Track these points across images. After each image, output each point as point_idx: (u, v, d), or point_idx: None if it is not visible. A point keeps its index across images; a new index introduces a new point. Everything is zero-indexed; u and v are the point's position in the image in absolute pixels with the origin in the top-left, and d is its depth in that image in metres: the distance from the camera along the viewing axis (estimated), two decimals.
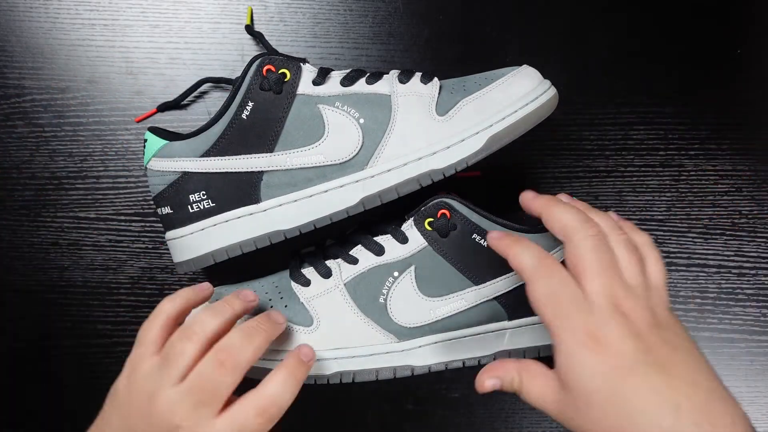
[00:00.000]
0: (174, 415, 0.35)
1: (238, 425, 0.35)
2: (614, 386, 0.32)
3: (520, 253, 0.36)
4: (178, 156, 0.42)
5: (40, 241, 0.51)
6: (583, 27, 0.52)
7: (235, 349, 0.36)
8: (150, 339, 0.38)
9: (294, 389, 0.37)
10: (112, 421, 0.37)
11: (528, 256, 0.36)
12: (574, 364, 0.33)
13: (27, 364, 0.52)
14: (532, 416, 0.53)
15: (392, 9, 0.51)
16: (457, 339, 0.43)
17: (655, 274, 0.37)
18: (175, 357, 0.36)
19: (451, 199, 0.42)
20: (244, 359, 0.36)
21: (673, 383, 0.32)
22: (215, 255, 0.43)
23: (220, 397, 0.35)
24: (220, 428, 0.35)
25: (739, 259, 0.53)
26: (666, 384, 0.32)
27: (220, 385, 0.35)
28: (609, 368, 0.32)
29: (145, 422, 0.35)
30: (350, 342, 0.42)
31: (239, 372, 0.36)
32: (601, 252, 0.35)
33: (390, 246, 0.42)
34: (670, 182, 0.53)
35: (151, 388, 0.36)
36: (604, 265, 0.35)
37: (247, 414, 0.35)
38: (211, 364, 0.36)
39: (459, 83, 0.43)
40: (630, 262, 0.36)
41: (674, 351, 0.34)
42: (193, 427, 0.35)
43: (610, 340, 0.33)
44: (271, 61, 0.41)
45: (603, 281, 0.34)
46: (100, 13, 0.50)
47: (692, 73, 0.53)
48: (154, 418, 0.35)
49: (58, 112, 0.50)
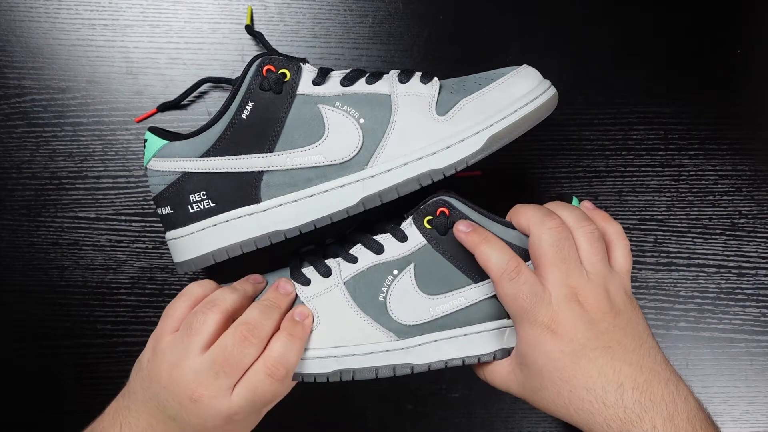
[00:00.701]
0: (198, 384, 0.37)
1: (252, 389, 0.37)
2: (564, 367, 0.36)
3: (488, 253, 0.39)
4: (178, 156, 0.42)
5: (40, 241, 0.51)
6: (583, 27, 0.52)
7: (256, 323, 0.39)
8: (176, 315, 0.40)
9: (296, 348, 0.39)
10: (137, 391, 0.39)
11: (495, 257, 0.38)
12: (533, 349, 0.37)
13: (27, 364, 0.52)
14: (531, 416, 0.53)
15: (392, 9, 0.51)
16: (456, 337, 0.43)
17: (620, 261, 0.40)
18: (198, 326, 0.38)
19: (450, 197, 0.42)
20: (265, 332, 0.39)
21: (617, 365, 0.36)
22: (215, 255, 0.43)
23: (241, 370, 0.38)
24: (237, 396, 0.37)
25: (739, 259, 0.53)
26: (611, 366, 0.36)
27: (243, 358, 0.38)
28: (561, 352, 0.36)
29: (168, 391, 0.37)
30: (350, 340, 0.42)
31: (261, 345, 0.38)
32: (559, 244, 0.38)
33: (389, 244, 0.43)
34: (670, 182, 0.53)
35: (174, 359, 0.38)
36: (561, 256, 0.38)
37: (258, 378, 0.38)
38: (235, 337, 0.38)
39: (459, 83, 0.43)
40: (591, 251, 0.38)
41: (625, 335, 0.37)
42: (213, 396, 0.37)
43: (563, 327, 0.37)
44: (271, 61, 0.41)
45: (560, 272, 0.37)
46: (100, 13, 0.50)
47: (692, 73, 0.53)
48: (177, 387, 0.37)
49: (58, 112, 0.50)
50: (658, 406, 0.35)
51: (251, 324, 0.39)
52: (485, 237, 0.39)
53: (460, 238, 0.40)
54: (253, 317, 0.39)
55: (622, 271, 0.40)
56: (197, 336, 0.38)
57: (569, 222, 0.39)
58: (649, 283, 0.53)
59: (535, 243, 0.38)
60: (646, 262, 0.53)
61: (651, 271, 0.53)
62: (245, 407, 0.38)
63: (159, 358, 0.39)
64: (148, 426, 0.38)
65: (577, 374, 0.36)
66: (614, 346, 0.37)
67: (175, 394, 0.37)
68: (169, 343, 0.39)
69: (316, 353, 0.41)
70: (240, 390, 0.37)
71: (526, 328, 0.38)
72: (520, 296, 0.37)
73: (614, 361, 0.36)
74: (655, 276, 0.53)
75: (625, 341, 0.37)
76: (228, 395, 0.37)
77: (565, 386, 0.37)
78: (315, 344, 0.41)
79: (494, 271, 0.38)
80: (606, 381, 0.36)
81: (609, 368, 0.36)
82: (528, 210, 0.40)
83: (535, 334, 0.37)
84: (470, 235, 0.40)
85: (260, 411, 0.41)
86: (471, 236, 0.40)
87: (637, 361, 0.37)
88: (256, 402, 0.38)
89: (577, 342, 0.36)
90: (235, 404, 0.37)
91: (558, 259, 0.38)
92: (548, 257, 0.38)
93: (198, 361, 0.37)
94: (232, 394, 0.37)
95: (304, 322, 0.41)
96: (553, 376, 0.37)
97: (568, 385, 0.36)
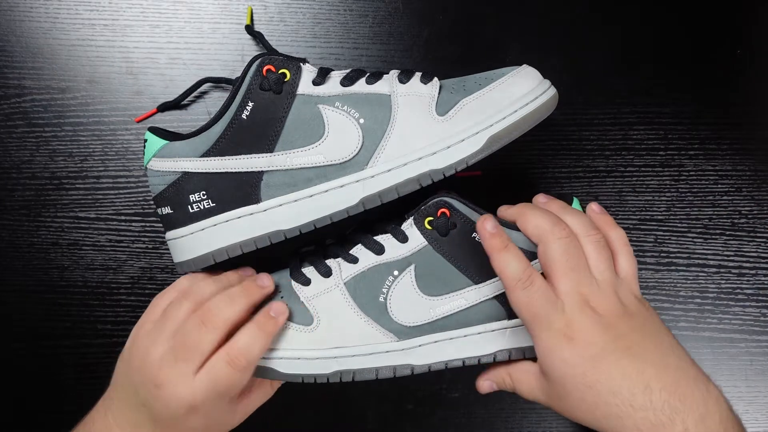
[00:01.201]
0: (160, 370, 0.37)
1: (213, 377, 0.37)
2: (586, 373, 0.36)
3: (507, 261, 0.39)
4: (178, 156, 0.42)
5: (40, 241, 0.51)
6: (583, 27, 0.52)
7: (216, 309, 0.39)
8: (160, 305, 0.41)
9: (261, 341, 0.39)
10: (119, 380, 0.41)
11: (513, 266, 0.38)
12: (551, 358, 0.37)
13: (27, 364, 0.52)
14: (531, 416, 0.53)
15: (392, 9, 0.51)
16: (457, 338, 0.43)
17: (625, 267, 0.40)
18: (170, 315, 0.39)
19: (451, 198, 0.42)
20: (223, 318, 0.39)
21: (641, 366, 0.36)
22: (215, 255, 0.43)
23: (199, 354, 0.38)
24: (198, 382, 0.37)
25: (739, 259, 0.53)
26: (634, 367, 0.36)
27: (199, 342, 0.38)
28: (580, 358, 0.36)
29: (139, 377, 0.38)
30: (350, 341, 0.42)
31: (220, 332, 0.38)
32: (569, 253, 0.38)
33: (390, 245, 0.43)
34: (670, 182, 0.53)
35: (147, 345, 0.39)
36: (571, 266, 0.38)
37: (219, 365, 0.38)
38: (193, 322, 0.38)
39: (459, 83, 0.43)
40: (598, 260, 0.39)
41: (644, 337, 0.37)
42: (174, 382, 0.37)
43: (580, 333, 0.36)
44: (271, 61, 0.41)
45: (571, 281, 0.38)
46: (100, 13, 0.50)
47: (692, 74, 0.53)
48: (145, 372, 0.38)
49: (58, 112, 0.50)
50: (689, 407, 0.35)
51: (209, 309, 0.39)
52: (506, 244, 0.39)
53: (483, 236, 0.40)
54: (214, 303, 0.39)
55: (628, 277, 0.40)
56: (167, 325, 0.39)
57: (576, 230, 0.40)
58: (649, 283, 0.53)
59: (546, 253, 0.38)
60: (646, 262, 0.53)
61: (651, 271, 0.53)
62: (205, 395, 0.37)
63: (135, 345, 0.40)
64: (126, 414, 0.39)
65: (600, 378, 0.36)
66: (634, 347, 0.36)
67: (144, 380, 0.38)
68: (146, 331, 0.40)
69: (316, 354, 0.41)
70: (200, 376, 0.37)
71: (542, 337, 0.37)
72: (533, 303, 0.37)
73: (636, 362, 0.36)
74: (655, 276, 0.53)
75: (644, 342, 0.37)
76: (189, 382, 0.37)
77: (589, 392, 0.36)
78: (315, 345, 0.41)
79: (509, 280, 0.38)
80: (631, 383, 0.35)
81: (632, 370, 0.36)
82: (536, 217, 0.39)
83: (551, 341, 0.37)
84: (494, 239, 0.39)
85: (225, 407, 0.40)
86: (495, 240, 0.39)
87: (660, 360, 0.36)
88: (216, 390, 0.38)
89: (596, 346, 0.36)
90: (196, 391, 0.37)
91: (568, 268, 0.38)
92: (559, 266, 0.38)
93: (164, 347, 0.38)
94: (194, 378, 0.37)
95: (278, 318, 0.40)
96: (576, 383, 0.36)
97: (592, 390, 0.36)
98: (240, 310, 0.40)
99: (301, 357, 0.41)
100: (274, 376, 0.41)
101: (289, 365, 0.41)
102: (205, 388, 0.37)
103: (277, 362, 0.41)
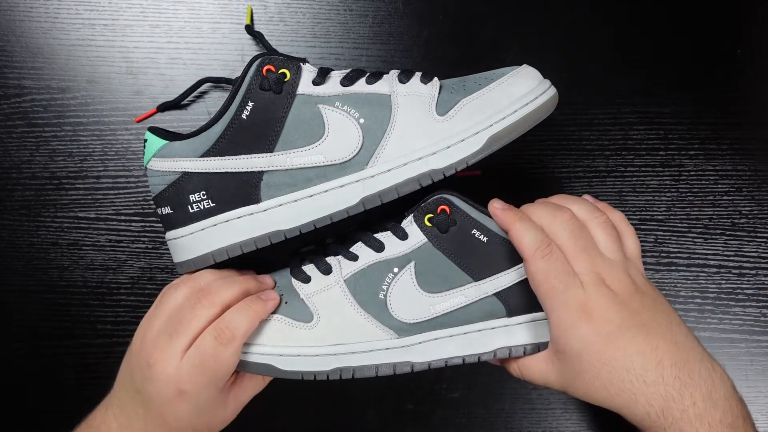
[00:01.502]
0: (154, 348, 0.38)
1: (200, 352, 0.38)
2: (602, 349, 0.37)
3: (523, 231, 0.39)
4: (178, 156, 0.42)
5: (40, 241, 0.51)
6: (583, 27, 0.52)
7: (212, 288, 0.40)
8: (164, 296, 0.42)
9: (248, 318, 0.39)
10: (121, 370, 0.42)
11: (530, 236, 0.39)
12: (568, 334, 0.38)
13: (27, 364, 0.52)
14: (532, 416, 0.53)
15: (392, 9, 0.51)
16: (457, 335, 0.43)
17: (631, 247, 0.41)
18: (168, 297, 0.40)
19: (451, 195, 0.42)
20: (219, 297, 0.39)
21: (654, 342, 0.37)
22: (215, 255, 0.43)
23: (191, 330, 0.38)
24: (186, 360, 0.38)
25: (739, 259, 0.53)
26: (648, 343, 0.37)
27: (193, 319, 0.38)
28: (597, 335, 0.37)
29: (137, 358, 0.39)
30: (350, 338, 0.42)
31: (213, 308, 0.39)
32: (577, 235, 0.39)
33: (390, 242, 0.43)
34: (670, 182, 0.53)
35: (146, 327, 0.40)
36: (581, 246, 0.39)
37: (205, 340, 0.38)
38: (190, 301, 0.39)
39: (459, 83, 0.43)
40: (607, 240, 0.40)
41: (655, 314, 0.38)
42: (165, 360, 0.38)
43: (597, 310, 0.37)
44: (271, 61, 0.41)
45: (585, 260, 0.38)
46: (100, 13, 0.50)
47: (692, 74, 0.53)
48: (141, 353, 0.39)
49: (58, 112, 0.50)
50: (697, 382, 0.36)
51: (206, 289, 0.40)
52: (520, 215, 0.40)
53: (495, 214, 0.41)
54: (212, 284, 0.40)
55: (634, 256, 0.41)
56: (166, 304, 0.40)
57: (581, 214, 0.40)
58: None
59: (555, 240, 0.39)
60: (646, 262, 0.53)
61: (651, 271, 0.53)
62: (192, 374, 0.37)
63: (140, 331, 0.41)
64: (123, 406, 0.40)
65: (616, 355, 0.37)
66: (648, 323, 0.37)
67: (139, 361, 0.39)
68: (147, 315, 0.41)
69: (316, 351, 0.41)
70: (189, 353, 0.38)
71: (559, 314, 0.38)
72: (551, 274, 0.38)
73: (650, 338, 0.37)
74: (655, 276, 0.53)
75: (657, 319, 0.38)
76: (178, 360, 0.37)
77: (604, 368, 0.37)
78: (315, 342, 0.41)
79: (528, 248, 0.38)
80: (645, 359, 0.36)
81: (646, 346, 0.37)
82: (537, 209, 0.40)
83: (569, 318, 0.37)
84: (506, 213, 0.40)
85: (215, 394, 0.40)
86: (507, 213, 0.40)
87: (672, 337, 0.37)
88: (203, 368, 0.38)
89: (613, 323, 0.37)
90: (183, 370, 0.37)
91: (579, 250, 0.38)
92: (569, 249, 0.38)
93: (158, 326, 0.39)
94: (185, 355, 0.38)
95: (267, 301, 0.41)
96: (592, 360, 0.37)
97: (607, 367, 0.37)
98: (236, 293, 0.40)
99: (301, 354, 0.41)
100: (274, 374, 0.41)
101: (288, 362, 0.41)
102: (192, 364, 0.37)
103: (277, 359, 0.41)
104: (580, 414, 0.53)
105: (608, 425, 0.53)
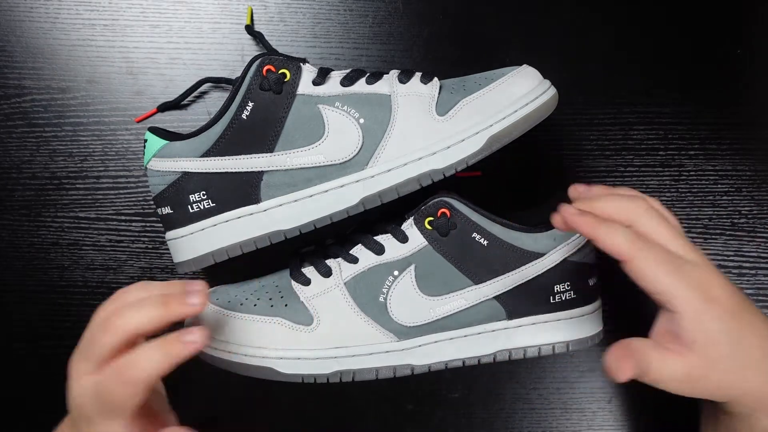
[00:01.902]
0: (73, 363, 0.37)
1: (99, 382, 0.35)
2: (733, 329, 0.35)
3: (611, 233, 0.36)
4: (178, 156, 0.42)
5: (40, 241, 0.51)
6: (583, 27, 0.52)
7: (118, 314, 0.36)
8: None
9: (161, 361, 0.35)
10: None
11: (620, 235, 0.35)
12: (700, 322, 0.35)
13: (27, 364, 0.52)
14: (532, 416, 0.53)
15: (392, 9, 0.51)
16: (457, 338, 0.43)
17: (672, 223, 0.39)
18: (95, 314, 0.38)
19: (452, 198, 0.42)
20: (122, 324, 0.36)
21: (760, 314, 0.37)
22: (215, 255, 0.43)
23: (97, 356, 0.36)
24: (87, 383, 0.36)
25: (739, 259, 0.53)
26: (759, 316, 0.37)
27: (97, 345, 0.36)
28: (727, 314, 0.35)
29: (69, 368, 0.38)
30: (350, 341, 0.42)
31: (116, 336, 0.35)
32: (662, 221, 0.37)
33: (390, 245, 0.43)
34: (670, 182, 0.53)
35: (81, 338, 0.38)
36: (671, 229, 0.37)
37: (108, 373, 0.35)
38: (98, 324, 0.37)
39: (459, 83, 0.43)
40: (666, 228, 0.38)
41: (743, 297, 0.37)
42: (73, 377, 0.37)
43: (718, 290, 0.36)
44: (271, 61, 0.41)
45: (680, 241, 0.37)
46: (100, 13, 0.50)
47: (692, 73, 0.53)
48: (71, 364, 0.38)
49: (58, 112, 0.50)
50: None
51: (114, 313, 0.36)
52: (598, 219, 0.36)
53: (574, 222, 0.36)
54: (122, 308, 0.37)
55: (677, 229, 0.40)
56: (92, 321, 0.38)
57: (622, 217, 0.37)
58: None
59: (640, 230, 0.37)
60: None
61: None
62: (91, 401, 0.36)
63: None
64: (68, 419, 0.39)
65: (745, 333, 0.35)
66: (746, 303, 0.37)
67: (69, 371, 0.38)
68: None
69: (316, 354, 0.41)
70: (92, 379, 0.36)
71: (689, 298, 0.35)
72: (662, 263, 0.35)
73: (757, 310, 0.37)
74: None
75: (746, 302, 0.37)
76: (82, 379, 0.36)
77: (738, 348, 0.35)
78: (315, 345, 0.41)
79: (625, 249, 0.35)
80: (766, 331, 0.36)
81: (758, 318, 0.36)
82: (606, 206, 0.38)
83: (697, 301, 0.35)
84: (586, 218, 0.36)
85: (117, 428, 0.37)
86: (588, 219, 0.36)
87: None
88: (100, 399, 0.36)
89: (732, 300, 0.36)
90: (83, 392, 0.36)
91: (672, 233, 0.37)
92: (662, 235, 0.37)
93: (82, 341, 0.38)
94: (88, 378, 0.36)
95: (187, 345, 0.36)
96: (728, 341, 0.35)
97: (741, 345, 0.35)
98: (144, 321, 0.36)
99: (301, 357, 0.41)
100: (274, 377, 0.41)
101: (288, 365, 0.41)
102: (91, 392, 0.36)
103: (277, 362, 0.41)
104: (580, 414, 0.53)
105: (608, 425, 0.53)
